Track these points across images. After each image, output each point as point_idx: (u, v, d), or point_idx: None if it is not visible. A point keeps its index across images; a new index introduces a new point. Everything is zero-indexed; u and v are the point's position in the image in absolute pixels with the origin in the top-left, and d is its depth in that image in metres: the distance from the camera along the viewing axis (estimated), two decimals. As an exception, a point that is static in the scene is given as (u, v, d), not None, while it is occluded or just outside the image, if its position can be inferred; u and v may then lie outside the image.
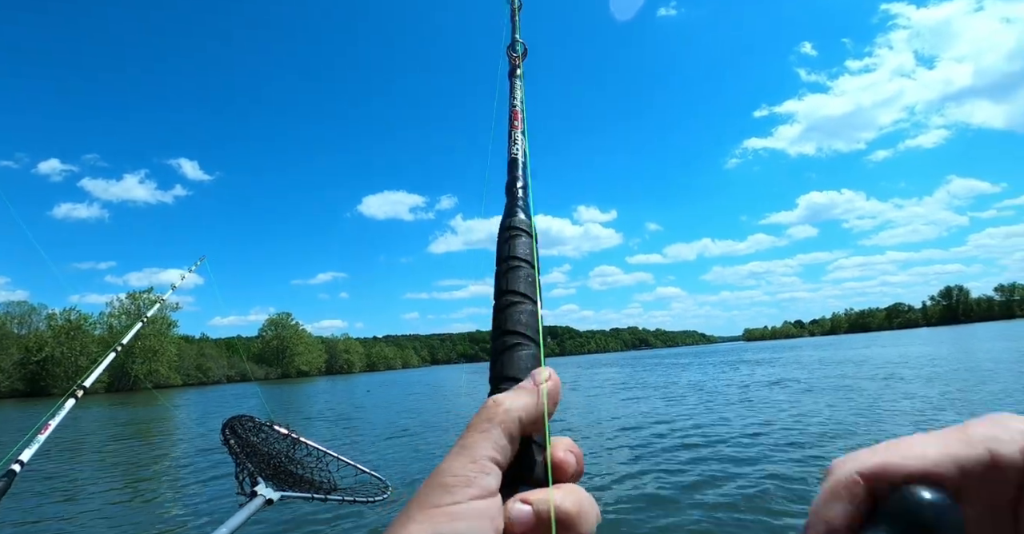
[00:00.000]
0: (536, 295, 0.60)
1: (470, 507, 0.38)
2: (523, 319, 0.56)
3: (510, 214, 0.68)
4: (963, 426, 0.33)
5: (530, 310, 0.58)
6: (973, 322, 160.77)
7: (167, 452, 13.79)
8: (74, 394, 2.61)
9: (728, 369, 31.72)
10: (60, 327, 77.24)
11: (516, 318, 0.57)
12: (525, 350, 0.54)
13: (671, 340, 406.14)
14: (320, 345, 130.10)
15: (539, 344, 0.57)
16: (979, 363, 21.51)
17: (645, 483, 7.32)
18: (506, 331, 0.56)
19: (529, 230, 0.67)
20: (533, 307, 0.59)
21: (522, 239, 0.65)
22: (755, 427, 10.74)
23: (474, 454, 0.41)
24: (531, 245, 0.65)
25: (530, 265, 0.62)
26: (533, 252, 0.65)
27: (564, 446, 0.46)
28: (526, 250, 0.64)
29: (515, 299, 0.59)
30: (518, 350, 0.54)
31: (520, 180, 0.73)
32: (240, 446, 2.54)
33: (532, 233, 0.67)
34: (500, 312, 0.58)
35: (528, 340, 0.55)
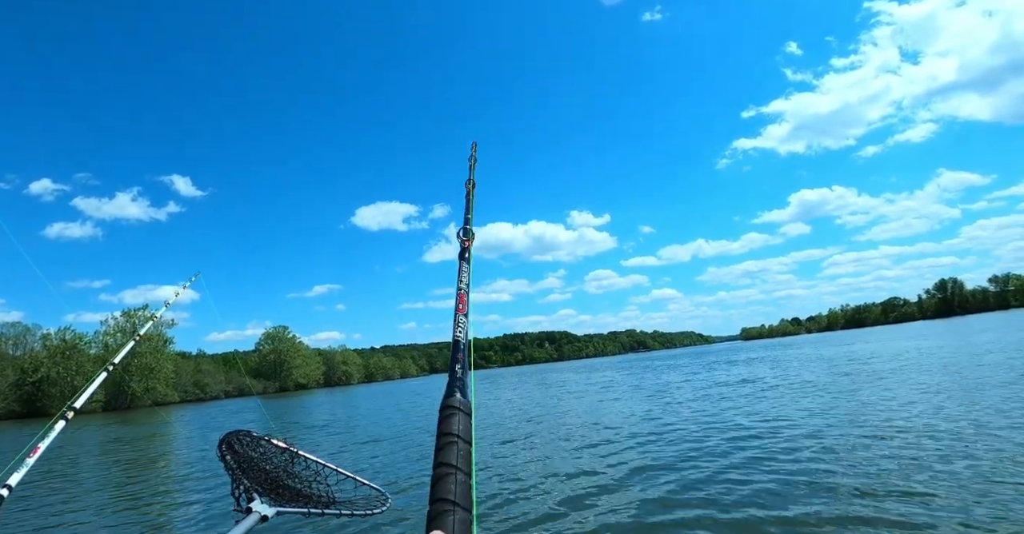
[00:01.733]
0: (470, 468, 0.70)
1: None
2: (457, 490, 0.65)
3: (450, 394, 0.80)
4: None
5: (463, 481, 0.67)
6: (969, 314, 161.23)
7: (164, 469, 13.67)
8: (64, 416, 2.56)
9: (716, 368, 31.71)
10: (55, 347, 76.64)
11: (449, 488, 0.65)
12: (458, 516, 0.63)
13: (669, 341, 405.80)
14: (317, 357, 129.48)
15: (470, 510, 0.65)
16: (969, 353, 21.67)
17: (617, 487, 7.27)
18: (441, 499, 0.65)
19: (465, 409, 0.78)
20: (465, 478, 0.68)
21: (458, 418, 0.76)
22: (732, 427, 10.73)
23: None
24: (467, 422, 0.76)
25: (465, 441, 0.73)
26: (468, 428, 0.75)
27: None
28: (462, 427, 0.75)
29: (450, 471, 0.68)
30: (448, 516, 0.63)
31: (459, 362, 0.83)
32: (237, 461, 2.48)
33: (468, 411, 0.78)
34: (437, 482, 0.67)
35: (461, 508, 0.64)
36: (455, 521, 0.62)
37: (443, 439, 0.73)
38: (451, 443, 0.71)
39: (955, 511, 5.14)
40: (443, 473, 0.68)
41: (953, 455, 7.19)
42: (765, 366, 30.11)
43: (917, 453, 7.50)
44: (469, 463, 0.70)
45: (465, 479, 0.67)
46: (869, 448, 8.03)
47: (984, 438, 7.92)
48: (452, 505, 0.64)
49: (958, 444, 7.74)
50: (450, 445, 0.71)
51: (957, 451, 7.36)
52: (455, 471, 0.67)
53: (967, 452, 7.25)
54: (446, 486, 0.66)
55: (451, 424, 0.75)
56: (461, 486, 0.66)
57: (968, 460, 6.86)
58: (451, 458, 0.69)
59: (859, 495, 5.90)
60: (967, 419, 9.39)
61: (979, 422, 8.97)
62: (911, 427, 9.25)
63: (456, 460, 0.69)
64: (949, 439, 8.10)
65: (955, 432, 8.51)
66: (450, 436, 0.73)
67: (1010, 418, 9.11)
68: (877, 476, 6.53)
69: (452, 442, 0.72)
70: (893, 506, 5.44)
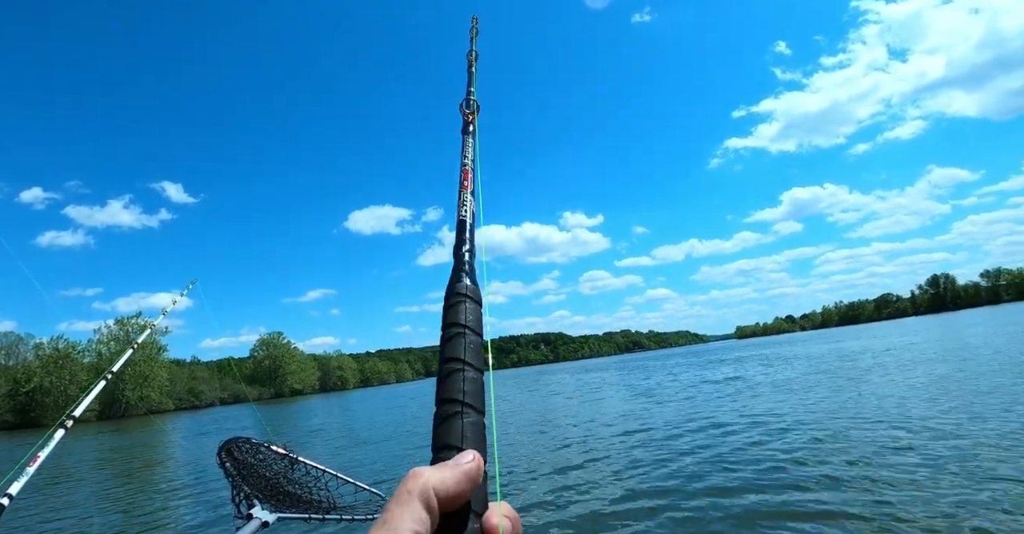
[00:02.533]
0: (481, 363, 0.60)
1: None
2: (465, 387, 0.56)
3: (456, 279, 0.67)
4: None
5: (473, 378, 0.57)
6: (961, 309, 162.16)
7: (162, 477, 13.60)
8: (63, 425, 2.56)
9: (706, 367, 31.79)
10: (48, 356, 76.09)
11: (457, 386, 0.56)
12: (467, 418, 0.54)
13: (664, 341, 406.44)
14: (313, 363, 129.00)
15: (482, 412, 0.56)
16: (954, 349, 21.79)
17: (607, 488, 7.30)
18: (447, 400, 0.55)
19: (475, 296, 0.65)
20: (477, 375, 0.58)
21: (466, 305, 0.63)
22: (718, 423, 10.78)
23: (395, 528, 0.40)
24: (478, 312, 0.64)
25: (475, 332, 0.61)
26: (479, 319, 0.63)
27: (499, 512, 0.46)
28: (471, 317, 0.62)
29: (457, 367, 0.58)
30: (458, 419, 0.54)
31: (467, 244, 0.71)
32: (236, 468, 2.50)
33: (477, 299, 0.65)
34: (444, 379, 0.58)
35: (470, 408, 0.55)
36: (465, 424, 0.53)
37: (449, 330, 0.61)
38: (458, 334, 0.61)
39: (906, 501, 5.22)
40: (450, 369, 0.58)
41: (917, 446, 7.45)
42: (754, 364, 30.19)
43: (886, 444, 7.73)
44: (481, 358, 0.60)
45: (476, 376, 0.58)
46: (841, 440, 8.10)
47: (950, 431, 8.10)
48: (461, 406, 0.55)
49: (921, 436, 7.99)
50: (457, 337, 0.61)
51: (921, 444, 7.58)
52: (464, 367, 0.57)
53: (930, 445, 7.46)
54: (454, 384, 0.57)
55: (458, 313, 0.63)
56: (472, 384, 0.56)
57: (930, 452, 7.03)
58: (459, 351, 0.59)
59: (842, 485, 5.94)
60: (938, 413, 9.57)
61: (949, 416, 9.08)
62: (884, 420, 9.46)
63: (465, 354, 0.59)
64: (917, 431, 8.35)
65: (923, 426, 8.70)
66: (457, 326, 0.61)
67: (976, 411, 9.27)
68: (848, 466, 6.59)
69: (460, 334, 0.61)
70: (854, 495, 5.49)
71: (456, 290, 0.65)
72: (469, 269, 0.68)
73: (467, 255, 0.70)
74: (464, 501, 0.46)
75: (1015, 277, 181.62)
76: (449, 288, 0.66)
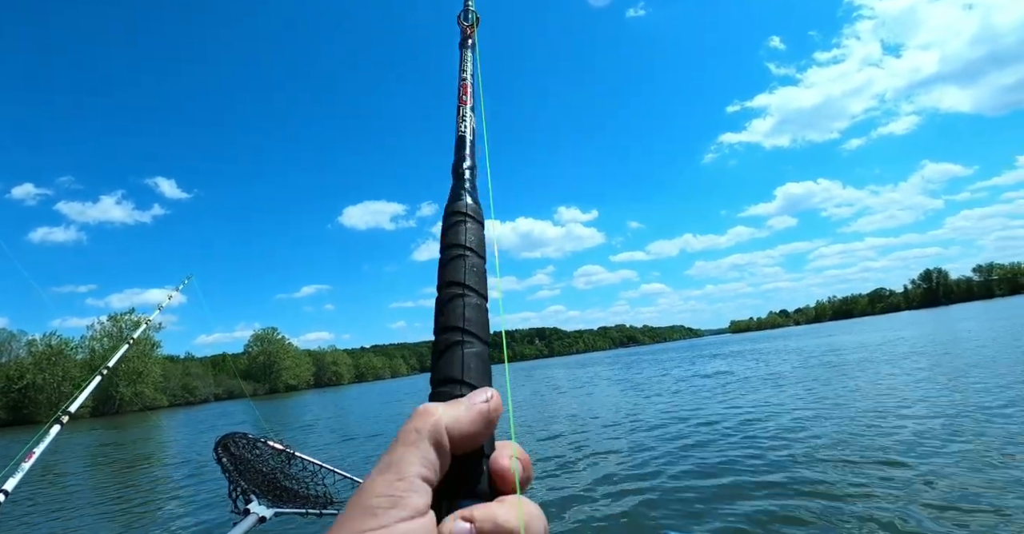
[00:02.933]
0: (484, 288, 0.53)
1: (397, 531, 0.34)
2: (466, 314, 0.49)
3: (455, 198, 0.60)
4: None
5: (475, 304, 0.51)
6: (954, 303, 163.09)
7: (159, 473, 13.58)
8: (59, 420, 2.55)
9: (696, 362, 31.92)
10: (41, 353, 75.82)
11: (458, 312, 0.49)
12: (469, 348, 0.48)
13: (659, 336, 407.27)
14: (307, 358, 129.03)
15: (487, 342, 0.49)
16: (942, 343, 21.92)
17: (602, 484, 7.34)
18: (447, 328, 0.49)
19: (477, 216, 0.58)
20: (480, 301, 0.51)
21: (467, 225, 0.56)
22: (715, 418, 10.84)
23: (401, 470, 0.37)
24: (480, 233, 0.57)
25: (477, 254, 0.55)
26: (482, 240, 0.57)
27: (508, 452, 0.43)
28: (472, 237, 0.56)
29: (457, 291, 0.51)
30: (460, 349, 0.48)
31: (467, 160, 0.64)
32: (233, 463, 2.50)
33: (480, 219, 0.58)
34: (442, 307, 0.51)
35: (473, 337, 0.48)
36: (467, 355, 0.47)
37: (448, 252, 0.54)
38: (459, 256, 0.54)
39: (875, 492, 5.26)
40: (450, 294, 0.51)
41: (894, 432, 7.71)
42: (744, 359, 30.32)
43: (864, 432, 7.96)
44: (484, 283, 0.53)
45: (480, 302, 0.51)
46: (818, 430, 8.16)
47: (926, 420, 8.22)
48: (462, 334, 0.48)
49: (897, 422, 8.21)
50: (457, 260, 0.54)
51: (897, 430, 7.80)
52: (464, 292, 0.51)
53: (906, 431, 7.68)
54: (454, 311, 0.50)
55: (457, 233, 0.55)
56: (474, 310, 0.50)
57: (906, 439, 7.14)
58: (459, 275, 0.52)
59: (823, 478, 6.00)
60: (916, 402, 9.74)
61: (925, 409, 9.17)
62: (864, 410, 9.60)
63: (465, 277, 0.52)
64: (896, 419, 8.61)
65: (900, 414, 8.91)
66: (456, 248, 0.55)
67: (955, 401, 9.40)
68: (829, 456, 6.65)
69: (460, 256, 0.54)
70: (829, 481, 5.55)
71: (455, 209, 0.58)
72: (471, 187, 0.61)
73: (467, 172, 0.63)
74: (477, 444, 0.42)
75: (1008, 272, 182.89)
76: (448, 207, 0.59)
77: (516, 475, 0.40)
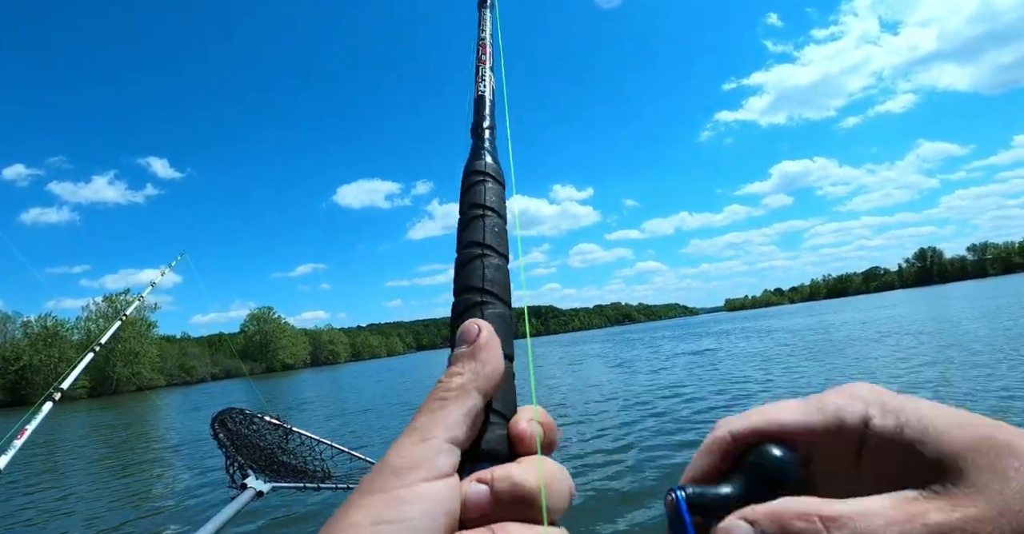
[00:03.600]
0: (506, 248, 0.51)
1: (419, 490, 0.34)
2: (488, 274, 0.48)
3: (476, 157, 0.58)
4: (822, 395, 0.39)
5: (496, 264, 0.49)
6: (948, 282, 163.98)
7: (157, 451, 13.65)
8: (51, 397, 2.52)
9: (686, 340, 32.10)
10: (36, 334, 75.83)
11: (479, 273, 0.48)
12: (491, 309, 0.46)
13: (654, 314, 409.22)
14: (304, 337, 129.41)
15: (508, 303, 0.48)
16: (926, 322, 22.14)
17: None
18: (468, 288, 0.47)
19: (497, 176, 0.57)
20: (501, 261, 0.50)
21: (488, 185, 0.55)
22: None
23: (425, 433, 0.37)
24: (499, 193, 0.56)
25: (498, 214, 0.53)
26: (503, 200, 0.56)
27: (528, 415, 0.41)
28: (493, 197, 0.54)
29: (478, 251, 0.50)
30: (482, 310, 0.46)
31: (487, 120, 0.63)
32: (230, 439, 2.48)
33: (500, 179, 0.57)
34: (461, 268, 0.49)
35: (495, 298, 0.47)
36: (488, 316, 0.45)
37: (469, 212, 0.53)
38: (478, 217, 0.52)
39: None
40: (469, 255, 0.49)
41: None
42: (733, 337, 30.51)
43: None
44: (505, 243, 0.52)
45: (501, 263, 0.49)
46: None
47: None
48: (482, 295, 0.46)
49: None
50: (476, 220, 0.52)
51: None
52: (484, 251, 0.50)
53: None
54: (474, 272, 0.48)
55: (477, 193, 0.54)
56: (495, 271, 0.48)
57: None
58: (479, 235, 0.51)
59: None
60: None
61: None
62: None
63: (485, 237, 0.50)
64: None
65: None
66: (477, 208, 0.53)
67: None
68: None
69: (479, 215, 0.52)
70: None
71: (475, 168, 0.56)
72: (490, 147, 0.59)
73: (487, 132, 0.61)
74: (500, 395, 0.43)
75: (1001, 251, 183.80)
76: (467, 167, 0.58)
77: (538, 438, 0.40)
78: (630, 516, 5.16)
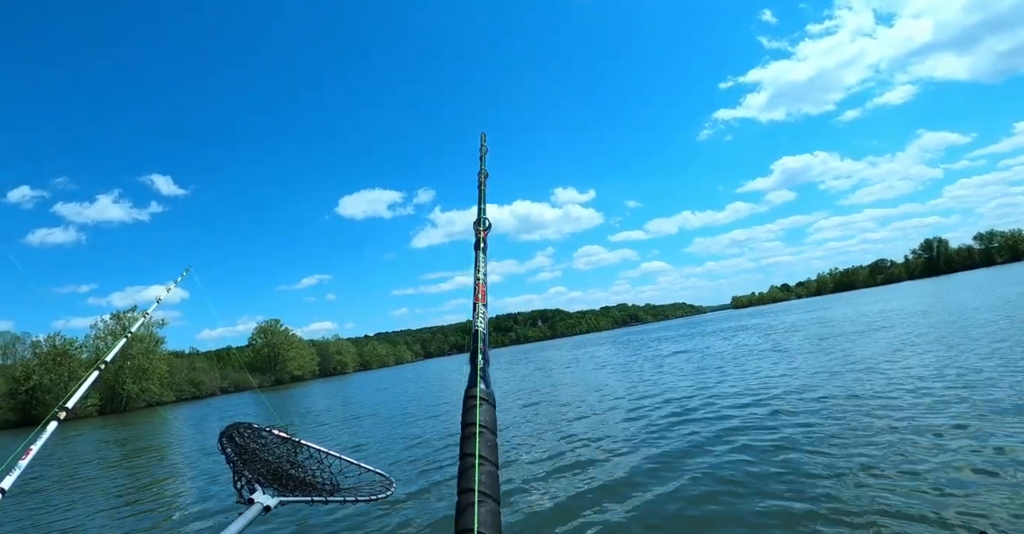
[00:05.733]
0: (497, 458, 0.70)
1: None
2: (483, 479, 0.65)
3: (472, 384, 0.81)
4: None
5: (489, 471, 0.67)
6: (956, 272, 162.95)
7: (166, 466, 13.64)
8: (56, 416, 2.49)
9: (690, 339, 32.01)
10: (46, 354, 75.91)
11: (477, 478, 0.65)
12: (484, 507, 0.62)
13: (661, 314, 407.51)
14: (311, 348, 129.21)
15: (499, 501, 0.65)
16: (929, 315, 21.96)
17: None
18: (468, 489, 0.64)
19: (491, 400, 0.79)
20: (493, 469, 0.68)
21: (484, 408, 0.76)
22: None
23: None
24: (492, 413, 0.77)
25: (491, 431, 0.74)
26: (494, 419, 0.77)
27: None
28: (487, 417, 0.75)
29: (472, 462, 0.68)
30: (470, 509, 0.62)
31: (481, 353, 0.84)
32: (238, 454, 2.45)
33: (494, 403, 0.79)
34: (463, 473, 0.67)
35: (489, 499, 0.63)
36: (484, 512, 0.61)
37: (469, 429, 0.73)
38: (476, 434, 0.72)
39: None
40: (470, 463, 0.67)
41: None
42: (737, 335, 30.42)
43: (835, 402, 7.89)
44: (495, 453, 0.71)
45: (493, 470, 0.67)
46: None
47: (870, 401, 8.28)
48: (479, 496, 0.63)
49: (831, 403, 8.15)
50: (472, 437, 0.72)
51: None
52: (483, 462, 0.67)
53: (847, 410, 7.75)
54: (473, 476, 0.66)
55: (476, 414, 0.75)
56: (488, 476, 0.66)
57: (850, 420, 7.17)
58: (476, 448, 0.69)
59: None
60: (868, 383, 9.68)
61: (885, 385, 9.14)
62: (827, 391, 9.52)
63: (483, 450, 0.69)
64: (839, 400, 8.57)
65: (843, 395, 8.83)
66: (472, 426, 0.73)
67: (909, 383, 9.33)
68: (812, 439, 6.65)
69: (477, 433, 0.72)
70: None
71: (472, 393, 0.79)
72: (484, 375, 0.82)
73: (481, 362, 0.84)
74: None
75: (1008, 239, 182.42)
76: (467, 391, 0.80)
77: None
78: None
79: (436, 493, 7.00)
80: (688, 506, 5.26)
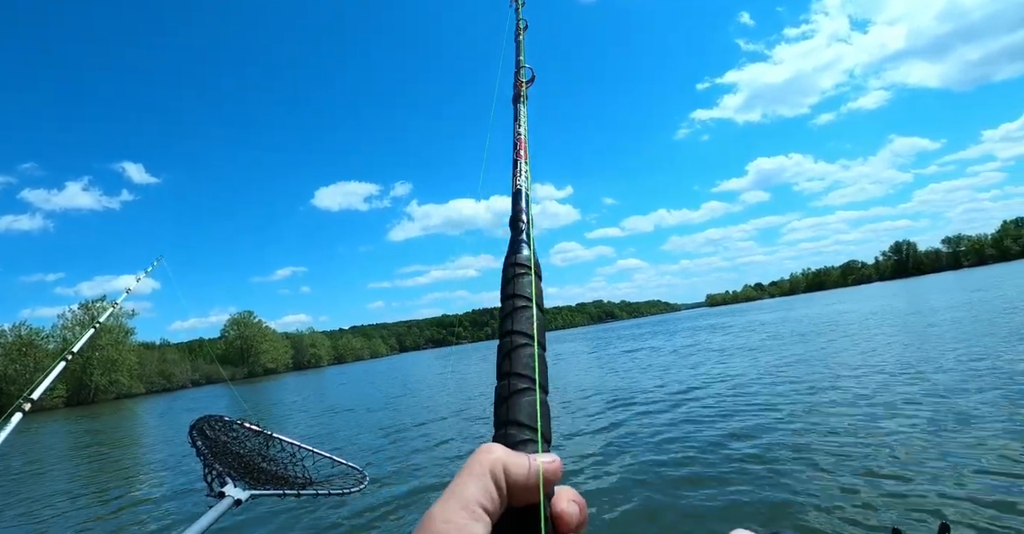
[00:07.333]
0: (545, 340, 0.56)
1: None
2: (529, 363, 0.53)
3: (515, 250, 0.64)
4: None
5: (541, 355, 0.54)
6: (924, 274, 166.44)
7: (134, 459, 13.44)
8: (20, 408, 2.45)
9: (662, 336, 32.37)
10: (11, 344, 74.16)
11: (523, 362, 0.53)
12: (529, 396, 0.50)
13: (636, 311, 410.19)
14: (285, 341, 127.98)
15: (547, 391, 0.53)
16: (891, 315, 22.53)
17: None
18: (512, 373, 0.52)
19: (537, 269, 0.63)
20: (542, 352, 0.55)
21: (527, 278, 0.60)
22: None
23: (465, 500, 0.39)
24: (539, 286, 0.61)
25: (540, 308, 0.58)
26: (541, 293, 0.61)
27: (567, 497, 0.44)
28: (531, 289, 0.59)
29: (521, 341, 0.54)
30: (524, 396, 0.51)
31: (524, 214, 0.69)
32: (209, 447, 2.43)
33: (539, 271, 0.63)
34: (506, 354, 0.54)
35: (534, 384, 0.52)
36: (532, 402, 0.50)
37: (513, 302, 0.57)
38: (525, 307, 0.57)
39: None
40: (516, 343, 0.54)
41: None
42: (706, 333, 30.82)
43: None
44: (545, 335, 0.56)
45: (542, 353, 0.54)
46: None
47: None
48: (531, 382, 0.52)
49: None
50: (523, 310, 0.57)
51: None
52: (528, 342, 0.54)
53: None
54: (521, 359, 0.53)
55: (523, 286, 0.59)
56: (540, 361, 0.54)
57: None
58: (526, 326, 0.55)
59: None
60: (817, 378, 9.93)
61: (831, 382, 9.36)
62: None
63: (533, 328, 0.55)
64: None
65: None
66: (522, 299, 0.58)
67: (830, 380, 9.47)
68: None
69: (526, 307, 0.57)
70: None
71: (517, 261, 0.62)
72: (527, 239, 0.66)
73: (525, 226, 0.68)
74: (531, 500, 0.43)
75: (975, 243, 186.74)
76: (509, 258, 0.63)
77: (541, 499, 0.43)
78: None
79: (409, 487, 7.00)
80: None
